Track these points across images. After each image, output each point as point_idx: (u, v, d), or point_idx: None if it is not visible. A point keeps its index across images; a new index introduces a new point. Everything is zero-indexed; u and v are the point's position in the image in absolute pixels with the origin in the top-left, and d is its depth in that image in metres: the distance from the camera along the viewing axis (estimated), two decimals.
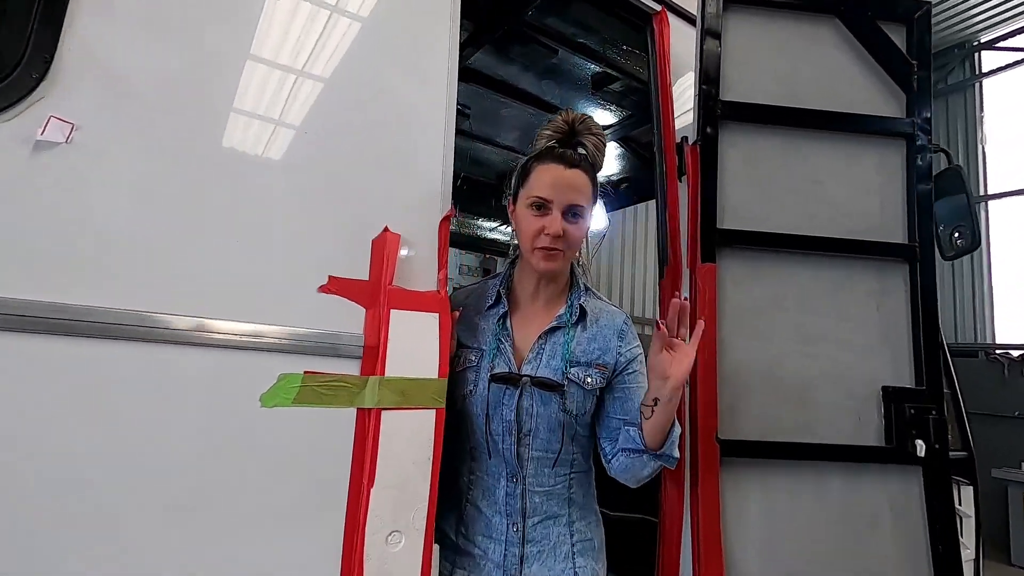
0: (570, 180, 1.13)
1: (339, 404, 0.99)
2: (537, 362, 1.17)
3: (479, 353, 1.20)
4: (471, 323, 1.24)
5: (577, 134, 1.21)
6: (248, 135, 1.00)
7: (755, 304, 1.53)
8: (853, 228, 1.59)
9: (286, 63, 1.06)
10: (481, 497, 1.18)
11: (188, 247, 0.91)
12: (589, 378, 1.16)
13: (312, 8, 1.09)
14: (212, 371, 0.90)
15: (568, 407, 1.14)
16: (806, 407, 1.51)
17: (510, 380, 1.15)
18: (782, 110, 1.58)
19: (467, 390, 1.18)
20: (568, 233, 1.12)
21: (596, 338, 1.19)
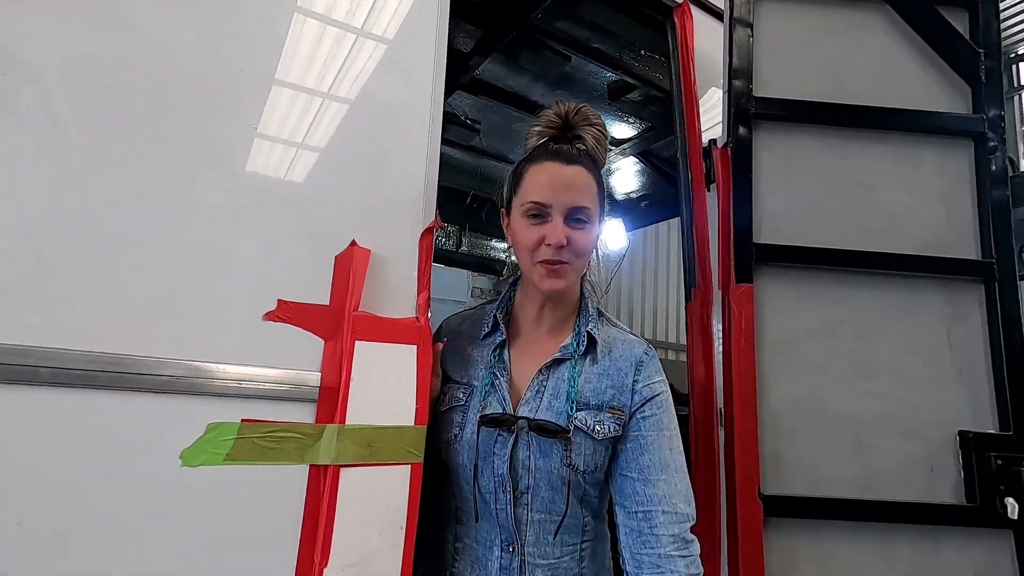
0: (570, 179, 0.95)
1: (287, 460, 0.79)
2: (536, 402, 0.96)
3: (469, 390, 1.00)
4: (463, 354, 1.05)
5: (573, 127, 1.02)
6: (189, 130, 0.82)
7: (801, 331, 1.30)
8: (914, 241, 1.36)
9: (243, 55, 0.89)
10: (469, 570, 0.96)
11: (96, 264, 0.73)
12: (600, 425, 0.94)
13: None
14: (115, 420, 0.71)
15: (573, 460, 0.92)
16: (866, 456, 1.27)
17: (503, 423, 0.94)
18: (826, 107, 1.37)
19: (451, 435, 0.97)
20: (574, 241, 0.93)
21: (609, 373, 0.98)
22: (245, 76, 0.87)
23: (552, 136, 1.03)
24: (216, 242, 0.80)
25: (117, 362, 0.71)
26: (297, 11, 0.95)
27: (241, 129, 0.85)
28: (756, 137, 1.35)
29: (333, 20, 0.98)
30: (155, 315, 0.75)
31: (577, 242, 0.94)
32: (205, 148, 0.82)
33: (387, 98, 1.00)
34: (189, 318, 0.77)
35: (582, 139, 1.02)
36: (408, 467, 0.86)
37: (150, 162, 0.78)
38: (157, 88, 0.80)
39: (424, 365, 0.91)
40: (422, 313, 0.93)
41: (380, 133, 0.97)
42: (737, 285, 1.27)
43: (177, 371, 0.74)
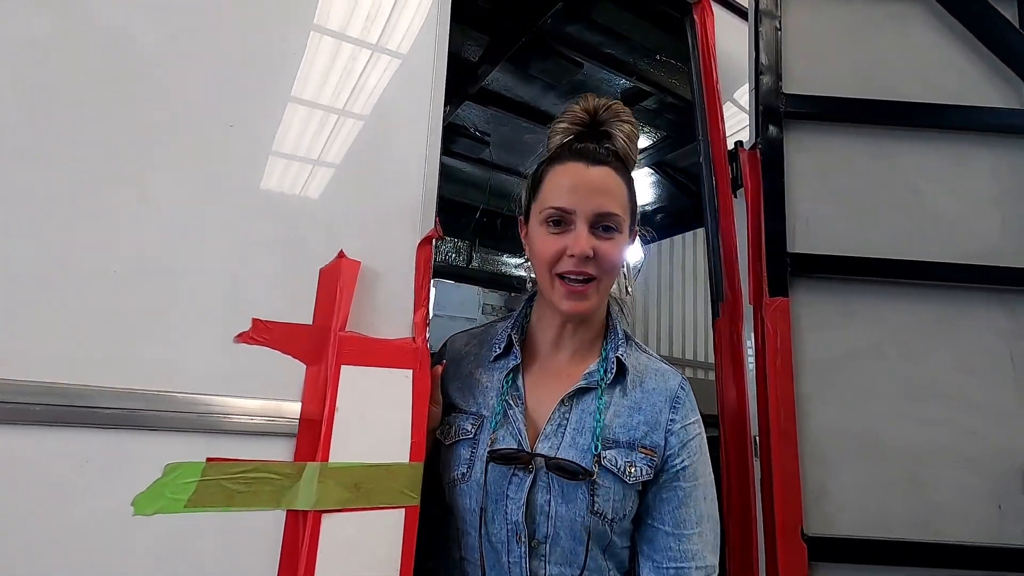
0: (596, 182, 0.84)
1: (259, 506, 0.69)
2: (558, 437, 0.84)
3: (478, 421, 0.88)
4: (470, 379, 0.93)
5: (602, 124, 0.91)
6: (148, 128, 0.73)
7: (844, 351, 1.17)
8: (966, 250, 1.23)
9: (221, 45, 0.80)
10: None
11: (33, 277, 0.63)
12: (632, 467, 0.82)
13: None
14: (54, 462, 0.60)
15: (600, 507, 0.80)
16: (922, 490, 1.12)
17: (518, 461, 0.82)
18: (864, 103, 1.25)
19: (458, 473, 0.85)
20: (600, 253, 0.82)
21: (641, 407, 0.86)
22: (219, 76, 0.78)
23: (577, 134, 0.92)
24: (180, 253, 0.71)
25: (57, 392, 0.61)
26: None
27: (211, 130, 0.76)
28: (787, 137, 1.24)
29: (327, 29, 0.89)
30: (105, 337, 0.65)
31: (604, 254, 0.82)
32: (168, 148, 0.73)
33: (377, 101, 0.90)
34: (146, 340, 0.67)
35: (611, 138, 0.91)
36: (402, 511, 0.75)
37: (103, 163, 0.68)
38: (108, 82, 0.71)
39: (421, 392, 0.80)
40: (419, 333, 0.83)
41: (370, 136, 0.88)
42: (771, 299, 1.15)
43: (131, 403, 0.64)
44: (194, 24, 0.78)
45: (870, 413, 1.15)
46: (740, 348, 1.21)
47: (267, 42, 0.84)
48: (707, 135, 1.36)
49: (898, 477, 1.12)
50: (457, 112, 2.69)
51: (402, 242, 0.86)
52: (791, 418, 1.10)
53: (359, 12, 0.91)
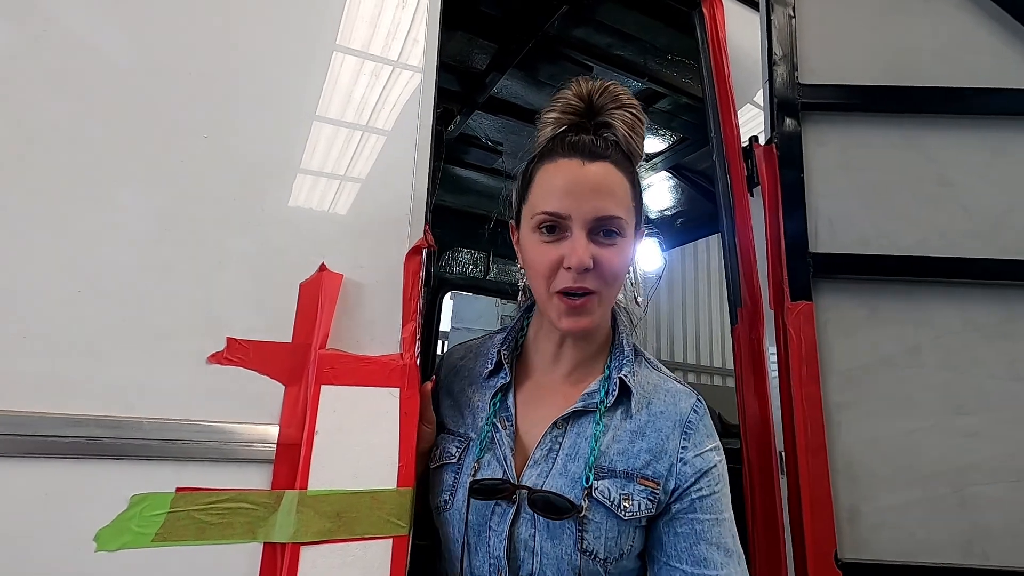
0: (594, 180, 0.73)
1: (233, 539, 0.64)
2: (548, 464, 0.76)
3: (464, 444, 0.80)
4: (462, 396, 0.85)
5: (599, 111, 0.80)
6: (115, 136, 0.70)
7: (876, 358, 1.08)
8: (1008, 246, 1.13)
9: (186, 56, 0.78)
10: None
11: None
12: (627, 501, 0.72)
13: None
14: (13, 495, 0.57)
15: (589, 545, 0.71)
16: (969, 510, 1.02)
17: (500, 494, 0.73)
18: (889, 91, 1.17)
19: (441, 501, 0.79)
20: (602, 262, 0.72)
21: (645, 433, 0.77)
22: (187, 77, 0.75)
23: (572, 124, 0.81)
24: (147, 269, 0.67)
25: (15, 422, 0.58)
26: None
27: (183, 141, 0.73)
28: (805, 130, 1.16)
29: (304, 35, 0.86)
30: (65, 361, 0.62)
31: (606, 264, 0.72)
32: (135, 160, 0.70)
33: (361, 109, 0.86)
34: (111, 363, 0.64)
35: (611, 127, 0.80)
36: (389, 542, 0.70)
37: (64, 177, 0.66)
38: (74, 96, 0.69)
39: (409, 412, 0.74)
40: (408, 348, 0.78)
41: (353, 144, 0.84)
42: (793, 303, 1.07)
43: (94, 430, 0.61)
44: (163, 33, 0.75)
45: (908, 426, 1.05)
46: (761, 356, 1.13)
47: (243, 52, 0.81)
48: (720, 132, 1.29)
49: (941, 496, 1.02)
50: (468, 122, 2.67)
51: (389, 253, 0.81)
52: (820, 432, 1.02)
53: (330, 14, 0.88)
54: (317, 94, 0.84)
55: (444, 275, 3.59)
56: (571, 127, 0.81)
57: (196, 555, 0.62)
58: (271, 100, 0.81)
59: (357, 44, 0.88)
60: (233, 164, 0.75)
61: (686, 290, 6.53)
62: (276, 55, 0.82)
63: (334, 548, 0.67)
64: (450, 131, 2.72)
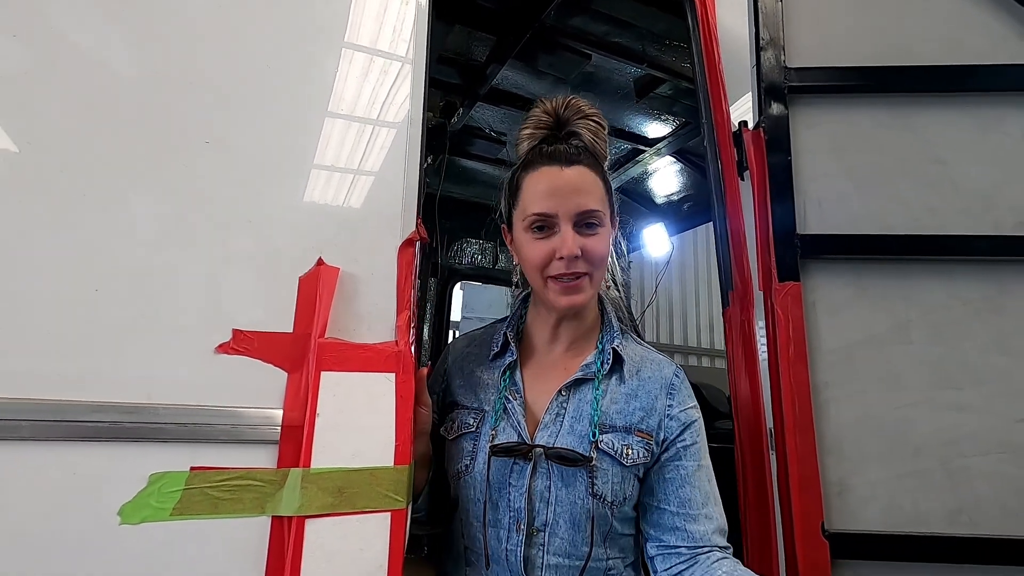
0: (573, 182, 0.86)
1: (244, 512, 0.70)
2: (557, 426, 0.88)
3: (479, 415, 0.93)
4: (472, 377, 0.98)
5: (566, 123, 0.94)
6: (128, 143, 0.76)
7: (865, 336, 1.10)
8: (999, 221, 1.14)
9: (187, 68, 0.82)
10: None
11: (17, 298, 0.67)
12: (628, 449, 0.86)
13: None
14: (39, 473, 0.63)
15: (599, 489, 0.84)
16: (957, 482, 1.05)
17: (518, 452, 0.86)
18: (877, 71, 1.18)
19: (461, 466, 0.90)
20: (588, 249, 0.85)
21: (638, 394, 0.90)
22: (188, 84, 0.80)
23: (545, 137, 0.95)
24: (159, 269, 0.73)
25: (42, 409, 0.64)
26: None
27: (188, 145, 0.78)
28: (793, 114, 1.18)
29: (300, 32, 0.90)
30: (89, 353, 0.68)
31: (591, 250, 0.86)
32: (144, 165, 0.75)
33: (354, 105, 0.91)
34: (129, 355, 0.70)
35: (578, 135, 0.93)
36: (387, 515, 0.75)
37: (80, 181, 0.71)
38: (87, 104, 0.74)
39: (404, 395, 0.79)
40: (402, 336, 0.82)
41: (347, 141, 0.88)
42: (781, 284, 1.09)
43: (114, 416, 0.67)
44: (163, 47, 0.80)
45: (896, 402, 1.08)
46: (752, 337, 1.16)
47: (238, 59, 0.85)
48: (711, 118, 1.31)
49: (929, 469, 1.05)
50: (471, 114, 2.70)
51: (383, 247, 0.86)
52: (807, 409, 1.05)
53: (320, 10, 0.92)
54: (310, 92, 0.88)
55: (453, 265, 3.64)
56: (544, 139, 0.94)
57: (210, 528, 0.68)
58: (268, 104, 0.85)
59: (347, 39, 0.92)
60: (233, 168, 0.80)
61: (699, 275, 6.51)
62: (270, 57, 0.87)
63: (336, 521, 0.72)
64: (454, 123, 2.75)
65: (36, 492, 0.63)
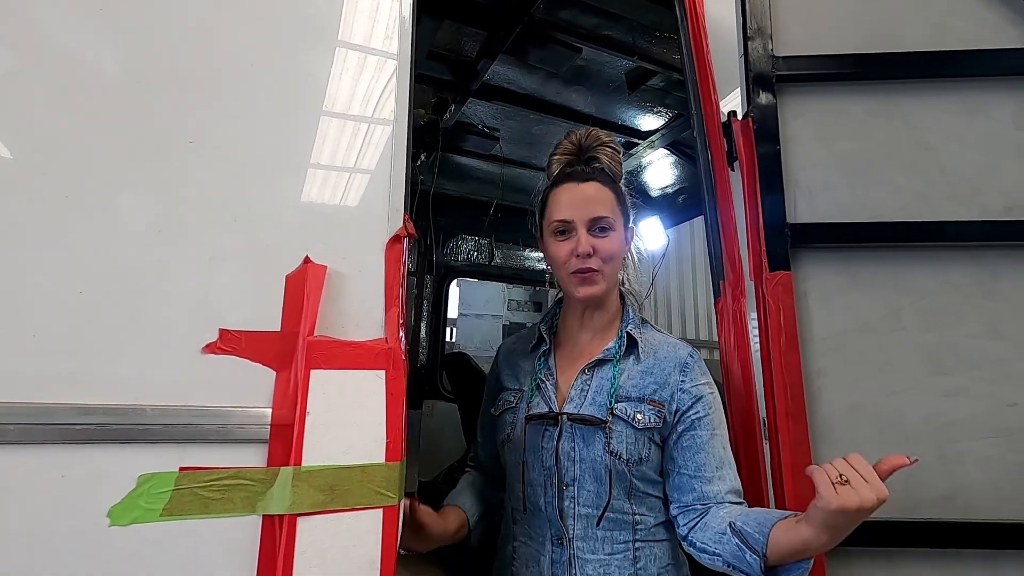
0: (586, 194, 1.05)
1: (234, 512, 0.70)
2: (581, 399, 1.03)
3: (519, 394, 1.12)
4: (515, 366, 1.18)
5: (587, 150, 1.12)
6: (110, 142, 0.75)
7: (856, 324, 1.10)
8: (988, 207, 1.14)
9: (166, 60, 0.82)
10: (524, 568, 1.03)
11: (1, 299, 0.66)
12: (640, 414, 0.98)
13: None
14: (27, 477, 0.63)
15: (615, 448, 0.97)
16: (951, 467, 1.05)
17: (548, 418, 1.03)
18: (865, 59, 1.17)
19: (504, 435, 1.10)
20: (599, 248, 1.02)
21: (652, 372, 1.03)
22: (172, 85, 0.79)
23: (569, 161, 1.13)
24: (145, 270, 0.73)
25: (29, 412, 0.64)
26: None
27: (172, 145, 0.78)
28: (782, 103, 1.18)
29: (287, 29, 0.90)
30: (75, 355, 0.68)
31: (602, 248, 1.02)
32: (130, 165, 0.75)
33: (339, 101, 0.90)
34: (116, 356, 0.70)
35: (597, 159, 1.11)
36: (380, 511, 0.75)
37: (65, 182, 0.71)
38: (71, 104, 0.74)
39: (395, 392, 0.79)
40: (391, 332, 0.82)
41: (333, 138, 0.88)
42: (772, 273, 1.10)
43: (102, 418, 0.67)
44: (147, 46, 0.80)
45: (888, 388, 1.08)
46: (744, 327, 1.16)
47: (222, 56, 0.85)
48: (700, 107, 1.30)
49: (922, 455, 1.04)
50: (463, 110, 2.69)
51: (371, 244, 0.85)
52: (799, 398, 1.05)
53: (303, 5, 0.91)
54: (295, 89, 0.88)
55: (449, 262, 3.64)
56: (568, 163, 1.13)
57: (201, 528, 0.68)
58: (253, 102, 0.85)
59: (332, 35, 0.92)
60: (219, 167, 0.80)
61: (696, 268, 6.50)
62: (254, 55, 0.86)
63: (328, 518, 0.72)
64: (446, 120, 2.74)
65: (26, 495, 0.63)
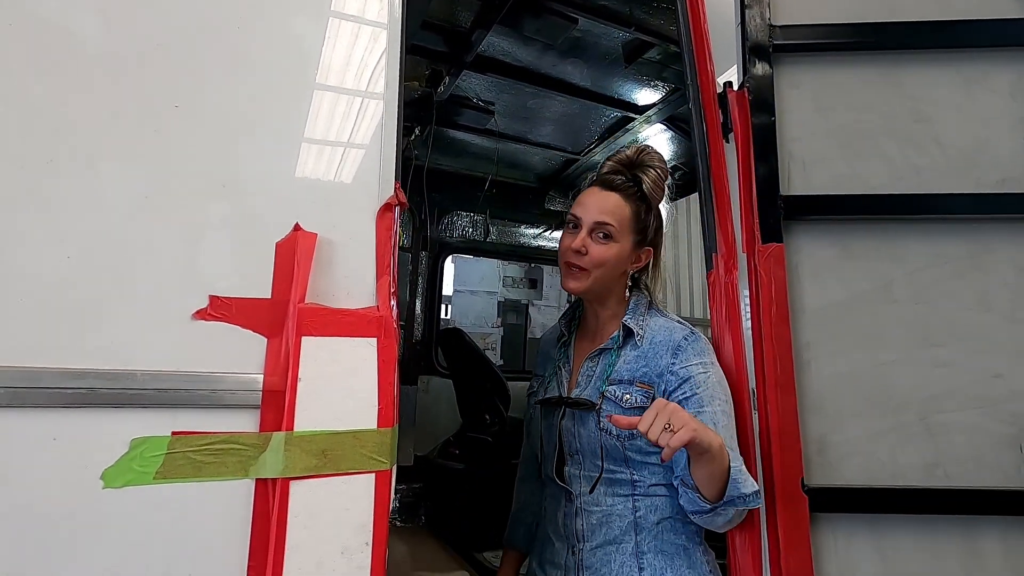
0: (602, 200, 1.12)
1: (227, 475, 0.71)
2: (584, 385, 1.13)
3: (540, 381, 1.25)
4: (546, 356, 1.29)
5: (636, 166, 1.16)
6: (98, 110, 0.74)
7: (847, 296, 1.11)
8: (982, 180, 1.14)
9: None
10: (547, 522, 1.17)
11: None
12: (628, 395, 1.06)
13: None
14: (19, 441, 0.63)
15: (605, 426, 1.06)
16: (936, 436, 1.07)
17: (553, 402, 1.16)
18: (863, 28, 1.16)
19: (527, 416, 1.27)
20: (592, 251, 1.09)
21: (646, 356, 1.08)
22: (157, 50, 0.78)
23: (615, 169, 1.17)
24: (134, 236, 0.72)
25: (24, 376, 0.64)
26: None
27: (159, 111, 0.76)
28: (778, 73, 1.16)
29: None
30: (65, 321, 0.68)
31: (593, 252, 1.08)
32: (116, 132, 0.74)
33: (330, 70, 0.88)
34: (107, 322, 0.70)
35: (641, 179, 1.14)
36: (372, 476, 0.76)
37: (52, 150, 0.70)
38: (52, 70, 0.72)
39: (386, 360, 0.80)
40: (383, 300, 0.82)
41: (323, 106, 0.86)
42: (764, 246, 1.10)
43: (93, 382, 0.67)
44: (132, 10, 0.78)
45: (878, 359, 1.09)
46: (735, 299, 1.16)
47: (209, 21, 0.83)
48: (695, 77, 1.28)
49: (908, 424, 1.07)
50: (457, 83, 2.65)
51: (362, 212, 0.85)
52: (789, 369, 1.06)
53: None
54: (286, 57, 0.86)
55: (444, 239, 3.62)
56: (613, 170, 1.17)
57: (195, 490, 0.69)
58: (240, 68, 0.83)
59: (322, 4, 0.90)
60: (206, 133, 0.79)
61: (692, 245, 6.50)
62: (241, 21, 0.84)
63: (321, 482, 0.73)
64: (440, 93, 2.70)
65: (17, 458, 0.64)
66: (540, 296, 7.10)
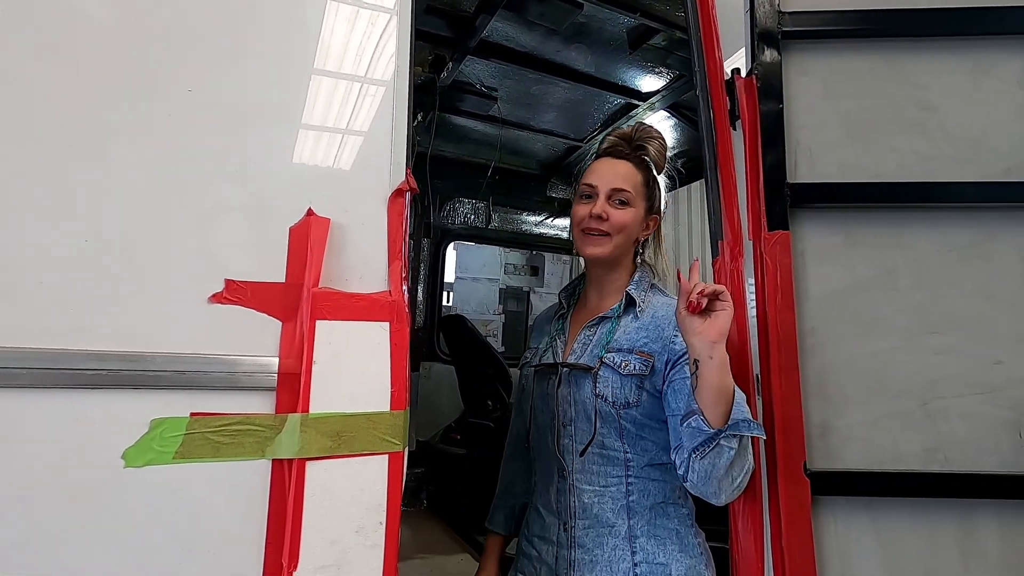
0: (615, 167, 1.16)
1: (244, 456, 0.72)
2: (580, 352, 1.15)
3: (535, 351, 1.25)
4: (541, 330, 1.31)
5: (637, 139, 1.21)
6: (113, 95, 0.74)
7: (851, 283, 1.12)
8: (988, 169, 1.14)
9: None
10: (539, 496, 1.18)
11: (12, 251, 0.67)
12: (626, 362, 1.07)
13: None
14: (41, 421, 0.65)
15: (600, 391, 1.07)
16: (936, 422, 1.08)
17: (550, 369, 1.16)
18: (870, 15, 1.15)
19: (520, 385, 1.26)
20: (612, 216, 1.12)
21: (648, 328, 1.11)
22: (172, 33, 0.78)
23: (617, 143, 1.22)
24: (150, 221, 0.73)
25: (45, 357, 0.65)
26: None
27: (173, 96, 0.77)
28: (787, 60, 1.16)
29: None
30: (84, 304, 0.69)
31: (615, 217, 1.12)
32: (130, 117, 0.74)
33: (342, 56, 0.89)
34: (126, 305, 0.71)
35: (645, 149, 1.20)
36: (385, 457, 0.78)
37: (68, 136, 0.70)
38: (66, 56, 0.72)
39: (399, 344, 0.81)
40: (395, 285, 0.83)
41: (335, 92, 0.87)
42: (770, 233, 1.10)
43: (115, 364, 0.68)
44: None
45: (880, 346, 1.10)
46: (741, 286, 1.17)
47: (225, 5, 0.83)
48: (703, 64, 1.28)
49: (909, 409, 1.08)
50: (460, 69, 2.64)
51: (373, 198, 0.86)
52: (792, 354, 1.07)
53: None
54: (298, 45, 0.86)
55: (446, 225, 3.63)
56: (615, 144, 1.22)
57: (213, 470, 0.71)
58: (255, 53, 0.83)
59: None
60: (220, 117, 0.79)
61: (692, 231, 6.49)
62: (257, 5, 0.84)
63: (336, 463, 0.75)
64: (443, 78, 2.69)
65: (36, 438, 0.65)
66: (542, 283, 7.10)
